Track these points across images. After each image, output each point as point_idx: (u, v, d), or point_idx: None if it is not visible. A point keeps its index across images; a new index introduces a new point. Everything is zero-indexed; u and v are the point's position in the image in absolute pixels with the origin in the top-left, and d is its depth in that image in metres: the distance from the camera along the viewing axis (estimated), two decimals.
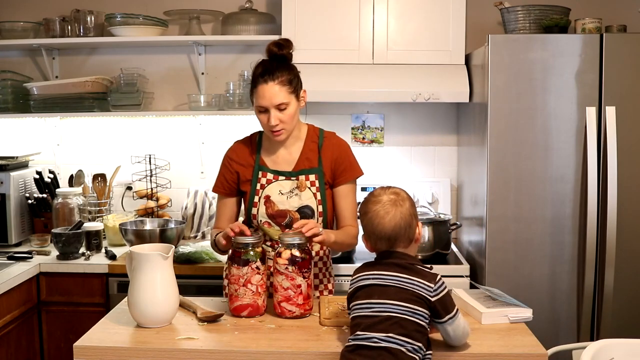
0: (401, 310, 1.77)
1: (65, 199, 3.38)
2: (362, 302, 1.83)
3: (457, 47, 3.16)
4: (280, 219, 2.34)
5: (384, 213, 1.87)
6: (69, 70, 3.63)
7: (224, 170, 2.43)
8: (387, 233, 1.87)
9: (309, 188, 2.35)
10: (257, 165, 2.38)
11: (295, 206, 2.34)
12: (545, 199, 2.81)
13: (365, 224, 1.91)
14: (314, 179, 2.37)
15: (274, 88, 2.24)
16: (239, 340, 1.95)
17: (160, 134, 3.66)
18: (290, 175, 2.37)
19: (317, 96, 3.13)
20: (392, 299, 1.78)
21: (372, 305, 1.80)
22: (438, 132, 3.58)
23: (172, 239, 3.12)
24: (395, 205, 1.88)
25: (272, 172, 2.37)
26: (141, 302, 2.01)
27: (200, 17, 3.51)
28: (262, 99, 2.25)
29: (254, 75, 2.28)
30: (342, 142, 2.44)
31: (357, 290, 1.87)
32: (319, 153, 2.39)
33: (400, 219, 1.87)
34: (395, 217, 1.87)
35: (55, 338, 3.04)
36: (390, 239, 1.87)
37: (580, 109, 2.77)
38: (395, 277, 1.82)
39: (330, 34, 3.18)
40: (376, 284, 1.83)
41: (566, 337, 2.81)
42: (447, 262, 3.04)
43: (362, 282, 1.86)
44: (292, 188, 2.35)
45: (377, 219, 1.87)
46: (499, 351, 1.87)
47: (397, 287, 1.80)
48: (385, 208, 1.88)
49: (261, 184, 2.36)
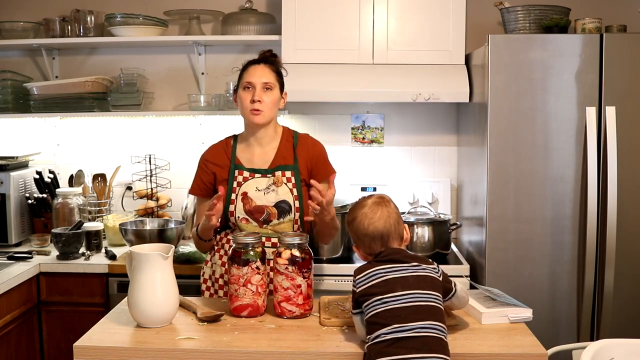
0: (427, 298, 1.81)
1: (65, 199, 3.38)
2: (384, 296, 1.81)
3: (457, 47, 3.16)
4: (257, 214, 2.39)
5: (372, 213, 1.95)
6: (69, 70, 3.63)
7: (200, 172, 2.51)
8: (380, 230, 1.93)
9: (285, 184, 2.41)
10: (233, 164, 2.44)
11: (273, 202, 2.40)
12: (545, 199, 2.81)
13: (356, 228, 1.97)
14: (290, 175, 2.43)
15: (265, 69, 2.41)
16: (239, 340, 1.95)
17: (160, 134, 3.66)
18: (266, 172, 2.43)
19: (317, 96, 3.13)
20: (415, 288, 1.81)
21: (398, 297, 1.80)
22: (438, 132, 3.58)
23: (172, 239, 3.12)
24: (380, 205, 1.97)
25: (248, 170, 2.43)
26: (141, 302, 2.01)
27: (200, 17, 3.51)
28: (251, 76, 2.39)
29: (246, 63, 2.45)
30: (317, 142, 2.54)
31: (370, 288, 1.85)
32: (294, 151, 2.46)
33: (388, 217, 1.95)
34: (383, 214, 1.95)
35: (55, 338, 3.04)
36: (383, 236, 1.93)
37: (580, 109, 2.77)
38: (409, 266, 1.86)
39: (330, 34, 3.18)
40: (394, 277, 1.84)
41: (566, 337, 2.81)
42: (447, 262, 3.03)
43: (376, 279, 1.85)
44: (268, 184, 2.41)
45: (367, 220, 1.95)
46: (499, 351, 1.87)
47: (415, 276, 1.84)
48: (372, 209, 1.96)
49: (238, 182, 2.42)
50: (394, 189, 3.50)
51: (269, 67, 2.41)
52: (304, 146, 2.48)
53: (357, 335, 1.94)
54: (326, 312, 2.12)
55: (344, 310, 2.14)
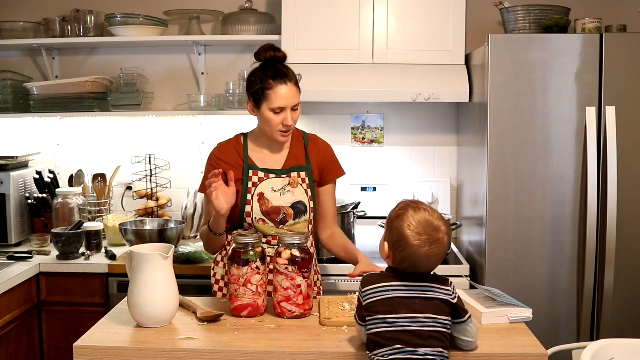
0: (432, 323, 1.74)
1: (65, 199, 3.38)
2: (386, 317, 1.75)
3: (457, 47, 3.16)
4: (274, 215, 2.37)
5: (436, 249, 1.76)
6: (69, 70, 3.63)
7: (211, 169, 2.40)
8: (424, 265, 1.78)
9: (300, 185, 2.40)
10: (247, 164, 2.41)
11: (289, 202, 2.38)
12: (545, 199, 2.81)
13: (403, 247, 1.77)
14: (305, 176, 2.42)
15: (293, 89, 2.31)
16: (239, 340, 1.95)
17: (160, 134, 3.66)
18: (280, 173, 2.41)
19: (317, 96, 3.13)
20: (420, 312, 1.74)
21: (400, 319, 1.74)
22: (438, 132, 3.58)
23: (172, 239, 3.13)
24: (442, 244, 1.77)
25: (263, 171, 2.40)
26: (141, 302, 2.01)
27: (200, 17, 3.51)
28: (282, 100, 2.28)
29: (263, 77, 2.30)
30: (326, 144, 2.53)
31: (375, 304, 1.78)
32: (306, 152, 2.45)
33: (438, 260, 1.79)
34: (438, 256, 1.78)
35: (55, 338, 3.04)
36: (421, 268, 1.78)
37: (580, 109, 2.77)
38: (418, 287, 1.77)
39: (330, 34, 3.18)
40: (399, 297, 1.76)
41: (566, 337, 2.81)
42: (447, 262, 3.03)
43: (381, 296, 1.78)
44: (284, 185, 2.39)
45: (426, 249, 1.75)
46: (499, 351, 1.87)
47: (422, 298, 1.76)
48: (437, 244, 1.76)
49: (253, 182, 2.39)
50: (394, 189, 3.50)
51: (294, 86, 2.31)
52: (315, 147, 2.47)
53: (357, 336, 1.94)
54: (326, 312, 2.12)
55: (344, 310, 2.14)
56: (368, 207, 3.38)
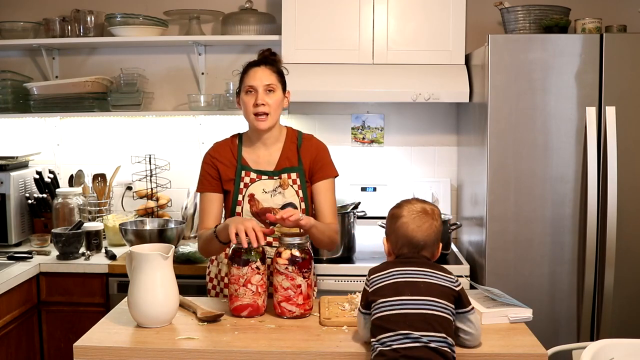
0: (437, 307, 1.77)
1: (65, 199, 3.38)
2: (390, 299, 1.79)
3: (457, 47, 3.16)
4: (264, 216, 2.36)
5: (420, 221, 1.90)
6: (69, 70, 3.63)
7: (207, 168, 2.46)
8: (418, 240, 1.88)
9: (291, 186, 2.40)
10: (240, 164, 2.42)
11: (279, 204, 2.38)
12: (545, 199, 2.81)
13: (397, 227, 1.90)
14: (295, 177, 2.42)
15: (266, 71, 2.38)
16: (239, 340, 1.95)
17: (160, 134, 3.66)
18: (272, 174, 2.41)
19: (317, 96, 3.13)
20: (425, 294, 1.78)
21: (405, 302, 1.77)
22: (438, 132, 3.58)
23: (172, 239, 3.13)
24: (430, 216, 1.91)
25: (255, 172, 2.41)
26: (141, 302, 2.01)
27: (200, 17, 3.51)
28: (252, 79, 2.36)
29: (246, 65, 2.42)
30: (320, 143, 2.51)
31: (380, 289, 1.83)
32: (298, 153, 2.44)
33: (432, 231, 1.90)
34: (429, 227, 1.90)
35: (55, 338, 3.04)
36: (418, 245, 1.88)
37: (580, 109, 2.77)
38: (422, 271, 1.82)
39: (330, 34, 3.18)
40: (404, 280, 1.81)
41: (566, 337, 2.81)
42: (447, 262, 3.03)
43: (386, 281, 1.83)
44: (275, 187, 2.40)
45: (413, 225, 1.89)
46: (499, 351, 1.87)
47: (426, 282, 1.80)
48: (421, 217, 1.90)
49: (244, 183, 2.40)
50: (394, 189, 3.50)
51: (269, 69, 2.38)
52: (307, 147, 2.46)
53: (357, 335, 1.94)
54: (326, 312, 2.12)
55: (344, 310, 2.14)
56: (368, 207, 3.38)
